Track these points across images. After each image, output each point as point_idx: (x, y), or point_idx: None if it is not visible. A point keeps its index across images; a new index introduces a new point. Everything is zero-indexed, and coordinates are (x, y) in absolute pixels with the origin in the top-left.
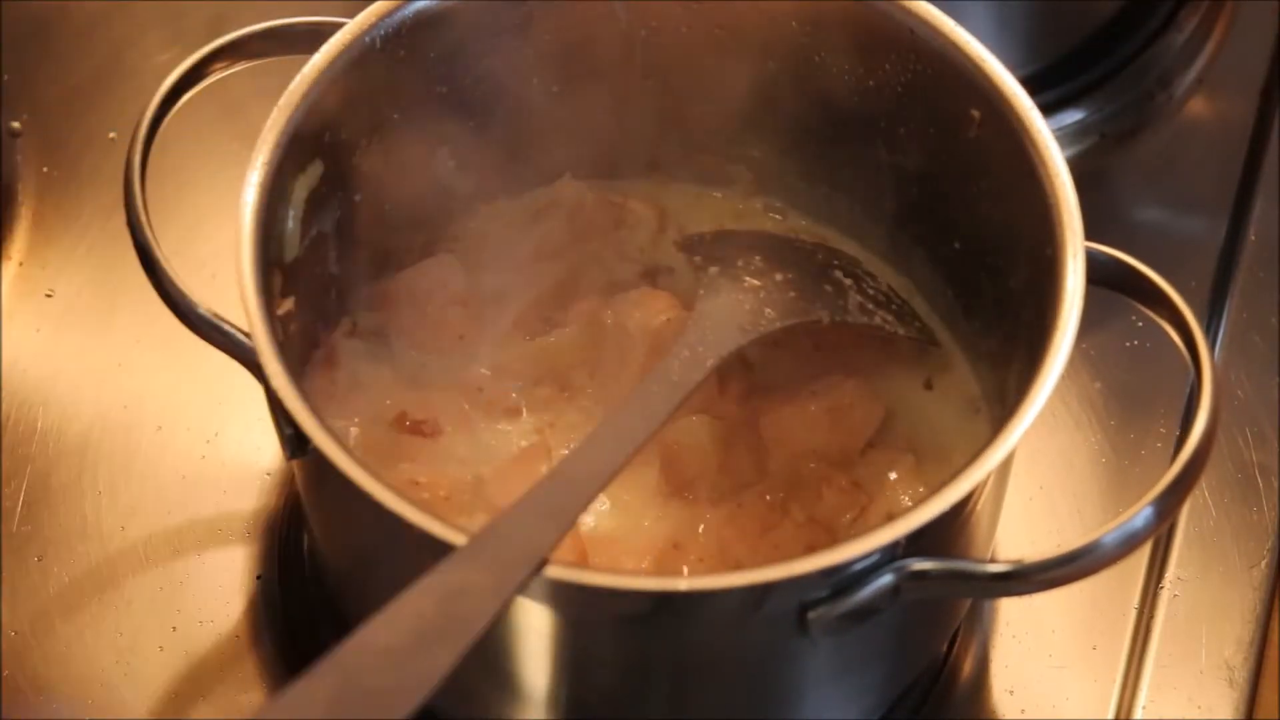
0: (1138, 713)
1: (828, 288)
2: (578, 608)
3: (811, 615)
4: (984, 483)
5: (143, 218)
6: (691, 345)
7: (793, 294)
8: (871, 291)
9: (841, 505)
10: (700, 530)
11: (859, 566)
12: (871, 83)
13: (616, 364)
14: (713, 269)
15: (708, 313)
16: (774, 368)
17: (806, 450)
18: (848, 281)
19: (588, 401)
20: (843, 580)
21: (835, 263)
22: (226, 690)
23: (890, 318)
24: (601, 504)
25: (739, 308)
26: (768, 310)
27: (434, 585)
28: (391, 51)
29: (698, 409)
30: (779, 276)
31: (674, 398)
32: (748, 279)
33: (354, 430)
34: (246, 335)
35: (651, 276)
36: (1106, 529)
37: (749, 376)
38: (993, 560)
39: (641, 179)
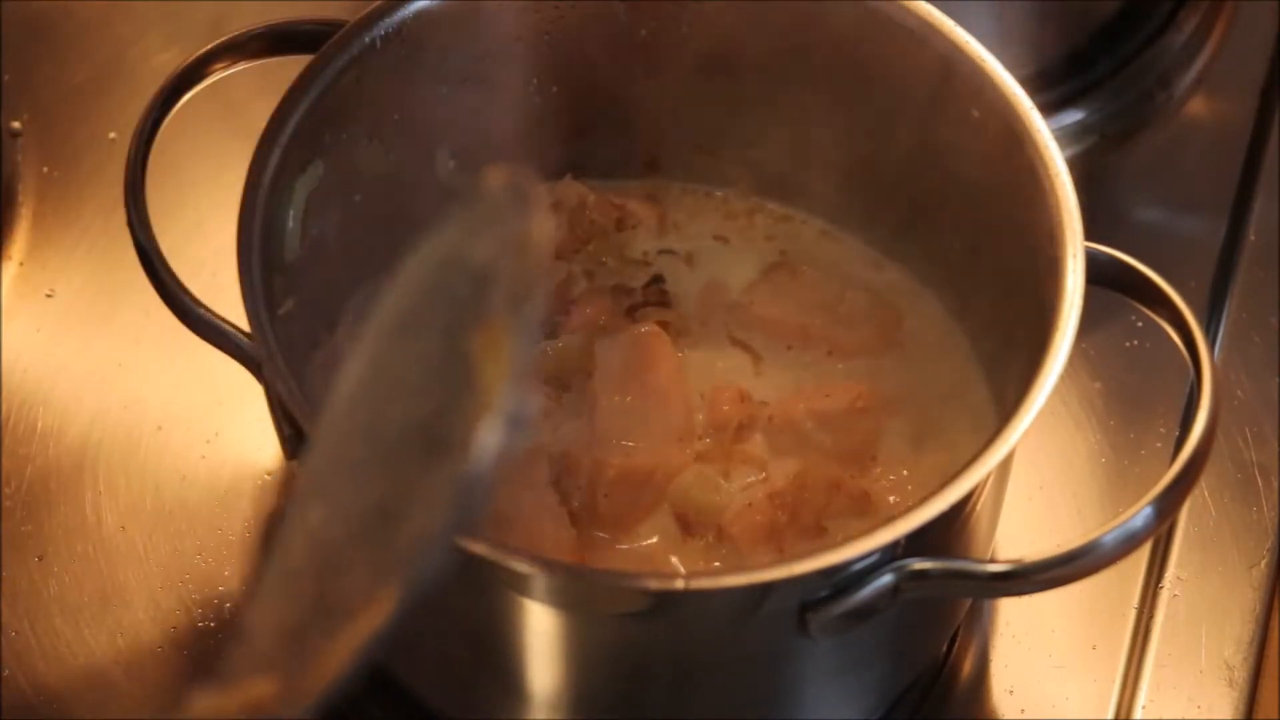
0: (1138, 713)
1: None
2: (578, 607)
3: (811, 615)
4: (984, 482)
5: (143, 218)
6: None
7: None
8: None
9: (845, 507)
10: None
11: (859, 566)
12: (871, 82)
13: None
14: None
15: None
16: (781, 371)
17: (811, 451)
18: None
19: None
20: (843, 580)
21: None
22: None
23: None
24: None
25: None
26: None
27: None
28: (391, 51)
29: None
30: None
31: None
32: None
33: None
34: (246, 335)
35: (653, 280)
36: (1106, 529)
37: (753, 378)
38: (993, 560)
39: (641, 179)
